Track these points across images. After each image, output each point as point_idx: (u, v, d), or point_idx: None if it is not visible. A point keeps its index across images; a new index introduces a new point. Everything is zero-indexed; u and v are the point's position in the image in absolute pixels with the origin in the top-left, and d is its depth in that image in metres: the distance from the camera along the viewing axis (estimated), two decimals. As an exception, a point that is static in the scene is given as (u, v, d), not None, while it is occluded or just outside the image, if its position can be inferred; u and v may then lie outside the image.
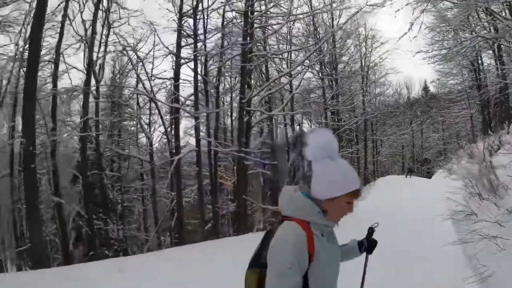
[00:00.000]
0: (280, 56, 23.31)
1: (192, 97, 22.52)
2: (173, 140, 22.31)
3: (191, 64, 21.62)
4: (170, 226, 22.21)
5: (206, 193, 23.38)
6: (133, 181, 27.14)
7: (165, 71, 25.07)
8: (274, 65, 24.58)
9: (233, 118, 27.03)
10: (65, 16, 19.93)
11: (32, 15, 19.53)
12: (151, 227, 26.09)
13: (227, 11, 21.84)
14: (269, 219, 21.39)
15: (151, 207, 25.54)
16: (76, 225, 22.51)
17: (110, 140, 25.43)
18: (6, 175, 22.50)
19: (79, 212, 21.89)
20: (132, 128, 28.62)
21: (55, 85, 20.89)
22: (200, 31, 21.29)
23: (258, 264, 2.39)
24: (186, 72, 26.76)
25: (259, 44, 22.06)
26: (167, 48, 22.13)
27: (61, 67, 21.39)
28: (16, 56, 21.33)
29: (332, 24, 25.23)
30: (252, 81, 22.17)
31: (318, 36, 23.81)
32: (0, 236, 21.91)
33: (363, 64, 31.27)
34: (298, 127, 28.23)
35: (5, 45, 21.05)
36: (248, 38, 19.52)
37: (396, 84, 44.44)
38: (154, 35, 23.31)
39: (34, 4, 19.12)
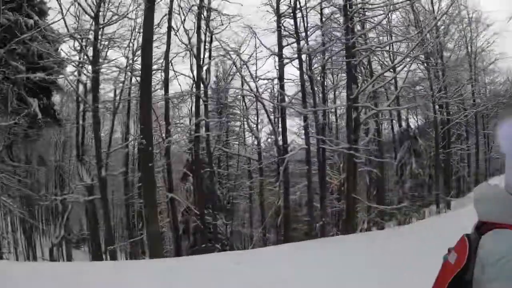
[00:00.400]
0: (384, 49, 22.38)
1: (297, 96, 22.47)
2: (280, 139, 22.29)
3: (293, 63, 21.70)
4: (276, 224, 22.45)
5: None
6: (240, 179, 27.88)
7: (268, 71, 25.38)
8: (376, 58, 23.57)
9: (338, 115, 26.77)
10: (169, 27, 20.80)
11: (137, 30, 21.74)
12: (256, 224, 26.57)
13: (324, 7, 21.45)
14: (374, 219, 20.81)
15: (258, 204, 26.01)
16: (184, 219, 23.55)
17: (219, 140, 26.26)
18: (122, 173, 24.27)
19: (187, 207, 22.94)
20: (237, 129, 29.49)
21: (166, 90, 21.91)
22: (297, 30, 21.08)
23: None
24: (288, 71, 26.89)
25: (360, 38, 21.48)
26: (268, 49, 22.11)
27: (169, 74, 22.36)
28: (127, 68, 22.81)
29: (433, 9, 23.74)
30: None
31: (419, 24, 22.61)
32: (112, 228, 23.53)
33: (470, 50, 29.12)
34: (404, 122, 27.23)
35: (115, 59, 22.59)
36: (350, 33, 19.11)
37: (507, 71, 40.75)
38: (255, 37, 23.34)
39: (138, 20, 21.10)
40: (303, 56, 21.33)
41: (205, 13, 21.92)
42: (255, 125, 26.19)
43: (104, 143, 22.84)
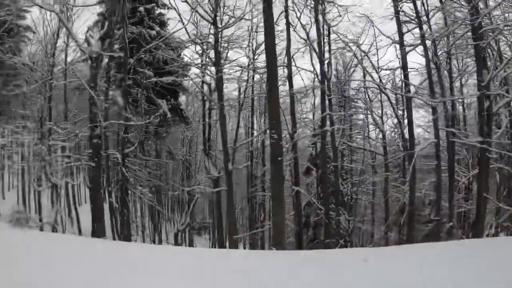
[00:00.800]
0: (512, 27, 19.26)
1: (423, 85, 20.81)
2: (406, 132, 20.89)
3: (416, 50, 20.02)
4: (399, 222, 21.19)
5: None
6: (364, 174, 26.97)
7: (390, 61, 24.12)
8: (504, 39, 20.19)
9: (465, 105, 23.98)
10: (288, 24, 20.73)
11: (254, 30, 22.83)
12: (378, 221, 25.15)
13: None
14: (503, 224, 18.38)
15: (381, 201, 24.60)
16: (306, 213, 23.44)
17: (343, 134, 25.40)
18: (246, 167, 25.19)
19: (309, 201, 22.77)
20: (360, 122, 28.52)
21: (290, 86, 21.90)
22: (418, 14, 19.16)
23: None
24: (410, 59, 24.77)
25: (485, 17, 18.89)
26: (388, 37, 20.78)
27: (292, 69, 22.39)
28: (249, 66, 23.55)
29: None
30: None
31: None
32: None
33: None
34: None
35: (236, 59, 23.62)
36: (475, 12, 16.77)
37: None
38: (373, 26, 22.12)
39: (254, 20, 22.10)
40: (427, 42, 19.66)
41: (320, 7, 21.56)
42: (379, 118, 24.72)
43: (229, 138, 23.90)
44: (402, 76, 20.84)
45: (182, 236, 27.42)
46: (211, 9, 20.24)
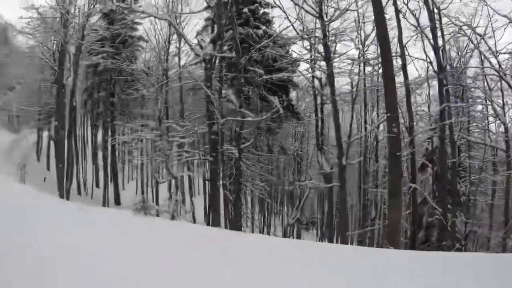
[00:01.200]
0: None
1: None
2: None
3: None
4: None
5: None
6: (482, 171, 25.90)
7: (509, 43, 22.26)
8: None
9: None
10: (397, 11, 20.15)
11: (361, 21, 23.40)
12: (496, 225, 24.09)
13: None
14: None
15: (501, 203, 23.55)
16: (419, 212, 23.26)
17: (461, 128, 24.64)
18: (358, 162, 25.82)
19: (423, 200, 22.43)
20: (478, 113, 27.30)
21: (406, 76, 21.23)
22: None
23: None
24: None
25: None
26: (504, 17, 19.68)
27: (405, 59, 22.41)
28: (360, 58, 24.09)
29: None
30: None
31: None
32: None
33: None
34: None
35: (346, 52, 24.01)
36: None
37: None
38: (486, 6, 20.83)
39: (360, 11, 22.61)
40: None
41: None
42: (500, 108, 23.21)
43: (342, 133, 24.33)
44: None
45: (291, 230, 28.75)
46: (315, 2, 20.75)
